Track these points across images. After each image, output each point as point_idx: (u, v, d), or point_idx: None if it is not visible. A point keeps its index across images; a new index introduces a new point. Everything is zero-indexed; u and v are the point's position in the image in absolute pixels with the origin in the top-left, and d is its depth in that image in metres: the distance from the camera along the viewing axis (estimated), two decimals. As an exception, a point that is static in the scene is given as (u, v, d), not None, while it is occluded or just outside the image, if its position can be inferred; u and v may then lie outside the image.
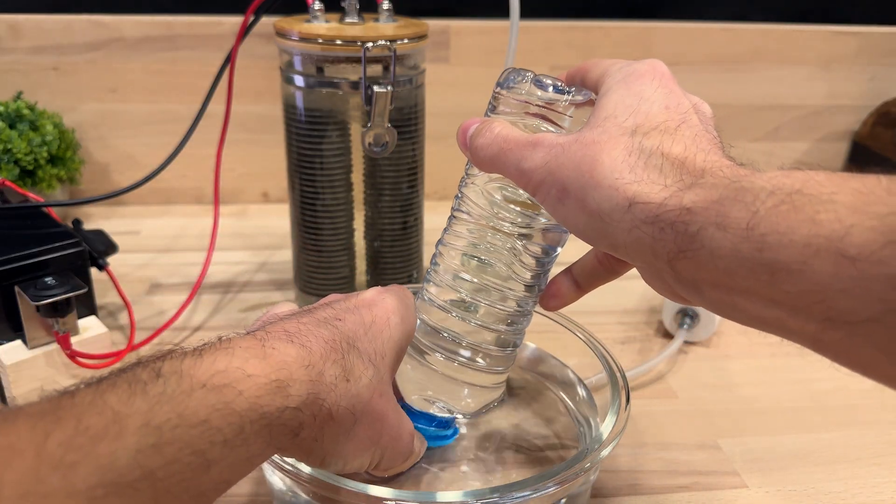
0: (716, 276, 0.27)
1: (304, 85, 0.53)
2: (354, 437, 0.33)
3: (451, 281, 0.40)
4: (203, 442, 0.25)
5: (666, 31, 0.84)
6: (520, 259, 0.38)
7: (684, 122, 0.31)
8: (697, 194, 0.27)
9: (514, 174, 0.34)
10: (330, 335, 0.32)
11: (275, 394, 0.28)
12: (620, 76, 0.33)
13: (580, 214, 0.31)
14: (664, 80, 0.33)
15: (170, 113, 0.81)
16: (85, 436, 0.23)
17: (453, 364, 0.40)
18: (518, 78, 0.37)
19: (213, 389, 0.26)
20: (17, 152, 0.69)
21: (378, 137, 0.53)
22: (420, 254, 0.61)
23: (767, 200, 0.25)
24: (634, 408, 0.49)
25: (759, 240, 0.25)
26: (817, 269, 0.23)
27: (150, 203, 0.85)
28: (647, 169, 0.29)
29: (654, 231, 0.28)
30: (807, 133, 0.91)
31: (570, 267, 0.40)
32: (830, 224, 0.23)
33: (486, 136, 0.35)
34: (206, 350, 0.28)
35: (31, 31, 0.77)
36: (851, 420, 0.51)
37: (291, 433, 0.29)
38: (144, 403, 0.25)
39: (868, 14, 0.88)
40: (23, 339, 0.48)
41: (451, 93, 0.82)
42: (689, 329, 0.58)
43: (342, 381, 0.31)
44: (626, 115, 0.31)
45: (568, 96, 0.36)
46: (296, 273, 0.60)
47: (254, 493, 0.43)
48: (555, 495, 0.35)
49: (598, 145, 0.30)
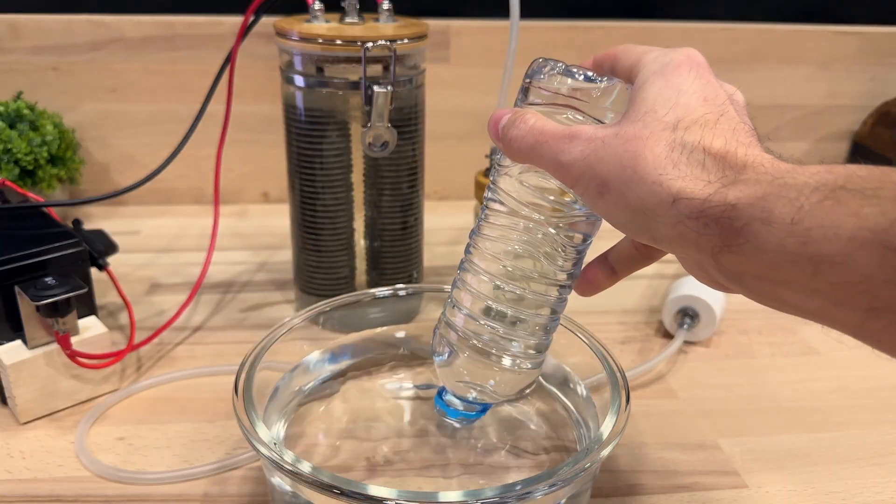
0: (760, 268, 0.27)
1: (304, 85, 0.53)
2: None
3: (490, 272, 0.39)
4: None
5: (666, 31, 0.84)
6: (557, 248, 0.38)
7: (723, 115, 0.31)
8: (741, 190, 0.27)
9: (551, 167, 0.33)
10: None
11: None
12: (657, 66, 0.33)
13: (622, 209, 0.31)
14: (701, 70, 0.33)
15: (170, 113, 0.81)
16: None
17: (491, 352, 0.40)
18: (547, 68, 0.36)
19: None
20: (17, 152, 0.69)
21: (378, 137, 0.53)
22: (420, 254, 0.61)
23: (812, 196, 0.25)
24: (634, 408, 0.49)
25: (803, 234, 0.25)
26: (862, 261, 0.24)
27: (150, 203, 0.85)
28: (690, 164, 0.29)
29: (698, 226, 0.28)
30: (807, 133, 0.91)
31: (606, 253, 0.40)
32: (875, 218, 0.24)
33: (521, 128, 0.34)
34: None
35: (31, 31, 0.77)
36: (851, 420, 0.51)
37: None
38: None
39: (868, 14, 0.88)
40: (23, 339, 0.48)
41: (451, 93, 0.82)
42: (689, 329, 0.58)
43: None
44: (667, 109, 0.31)
45: (600, 85, 0.35)
46: (296, 273, 0.60)
47: (254, 493, 0.43)
48: (555, 495, 0.35)
49: (640, 140, 0.30)
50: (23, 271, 0.47)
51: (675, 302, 0.59)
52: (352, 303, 0.50)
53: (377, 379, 0.50)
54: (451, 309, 0.41)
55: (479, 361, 0.40)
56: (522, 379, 0.41)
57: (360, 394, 0.49)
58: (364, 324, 0.52)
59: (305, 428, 0.46)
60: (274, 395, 0.45)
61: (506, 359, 0.40)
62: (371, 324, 0.52)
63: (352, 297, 0.50)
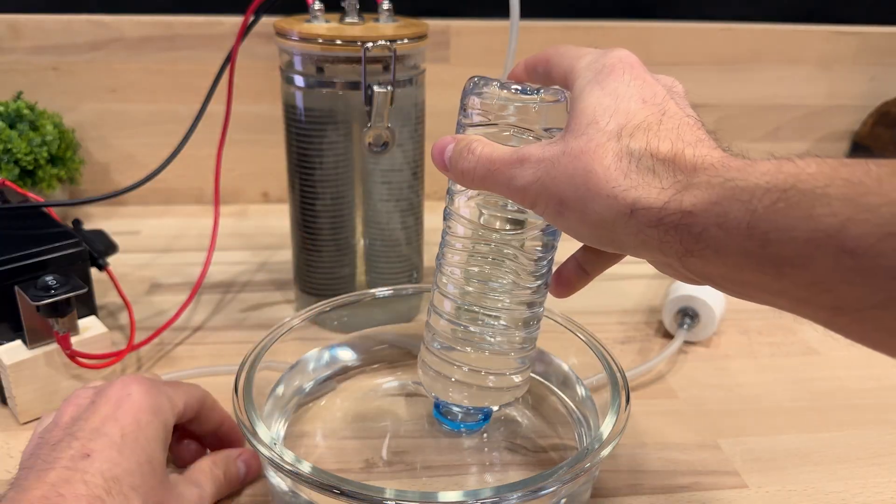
0: (725, 271, 0.28)
1: (304, 85, 0.53)
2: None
3: (458, 294, 0.39)
4: None
5: (666, 31, 0.84)
6: (521, 263, 0.38)
7: (665, 114, 0.31)
8: (696, 196, 0.28)
9: (505, 193, 0.34)
10: (84, 488, 0.32)
11: None
12: (591, 74, 0.33)
13: (583, 225, 0.31)
14: (635, 70, 0.33)
15: (170, 113, 0.81)
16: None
17: (474, 373, 0.40)
18: (484, 84, 0.36)
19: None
20: (17, 152, 0.69)
21: (378, 137, 0.53)
22: (420, 254, 0.61)
23: (764, 198, 0.26)
24: (634, 408, 0.49)
25: (761, 237, 0.26)
26: (820, 264, 0.24)
27: (150, 203, 0.85)
28: (641, 172, 0.29)
29: (659, 234, 0.29)
30: (807, 133, 0.91)
31: (575, 254, 0.40)
32: (826, 219, 0.24)
33: (469, 159, 0.34)
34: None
35: (31, 31, 0.77)
36: (851, 420, 0.51)
37: None
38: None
39: (868, 14, 0.88)
40: (23, 339, 0.48)
41: (451, 93, 0.82)
42: (689, 329, 0.58)
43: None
44: (608, 118, 0.31)
45: (537, 97, 0.35)
46: (296, 273, 0.60)
47: (254, 493, 0.43)
48: (555, 495, 0.35)
49: (587, 154, 0.30)
50: (23, 271, 0.47)
51: (675, 302, 0.59)
52: (352, 303, 0.50)
53: (377, 378, 0.50)
54: (430, 334, 0.41)
55: (461, 383, 0.40)
56: (512, 392, 0.42)
57: (359, 393, 0.49)
58: (364, 324, 0.52)
59: (305, 428, 0.46)
60: (274, 394, 0.45)
61: (491, 377, 0.40)
62: (371, 324, 0.52)
63: (352, 297, 0.50)
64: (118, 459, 0.34)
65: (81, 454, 0.33)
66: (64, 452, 0.33)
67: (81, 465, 0.33)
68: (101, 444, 0.34)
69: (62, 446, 0.34)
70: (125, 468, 0.33)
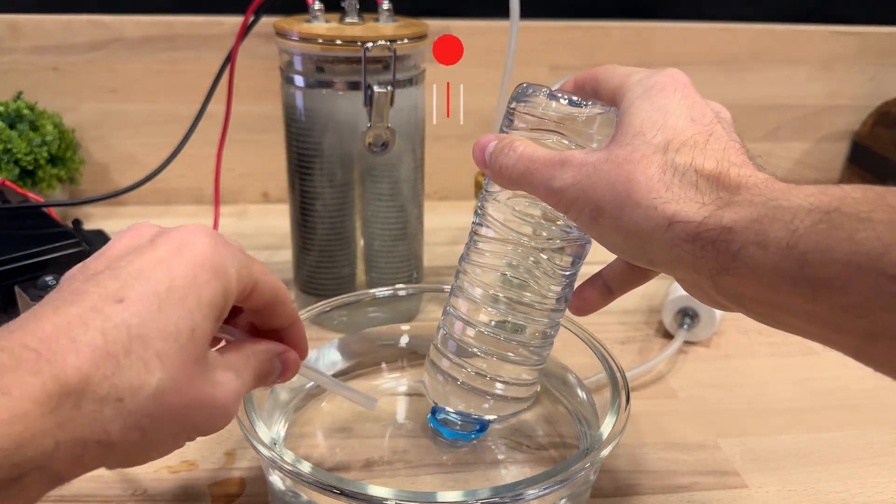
0: (758, 291, 0.27)
1: (304, 85, 0.53)
2: (149, 443, 0.28)
3: (479, 298, 0.39)
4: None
5: (666, 31, 0.84)
6: (547, 273, 0.38)
7: (712, 135, 0.31)
8: (736, 212, 0.27)
9: (542, 193, 0.33)
10: (101, 339, 0.25)
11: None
12: (641, 90, 0.33)
13: (617, 233, 0.31)
14: (685, 90, 0.33)
15: (170, 113, 0.81)
16: None
17: (482, 378, 0.40)
18: (532, 92, 0.36)
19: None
20: (17, 152, 0.69)
21: (378, 137, 0.53)
22: (420, 254, 0.61)
23: (806, 219, 0.25)
24: (634, 408, 0.49)
25: (800, 258, 0.25)
26: (859, 287, 0.24)
27: (150, 203, 0.85)
28: (684, 186, 0.29)
29: (694, 249, 0.28)
30: (807, 133, 0.91)
31: (601, 272, 0.40)
32: (869, 242, 0.24)
33: (510, 156, 0.34)
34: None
35: (31, 31, 0.77)
36: (851, 420, 0.51)
37: (40, 494, 0.25)
38: None
39: (868, 14, 0.88)
40: (23, 339, 0.48)
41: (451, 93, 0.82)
42: (689, 329, 0.58)
43: (111, 405, 0.25)
44: (655, 131, 0.31)
45: (585, 110, 0.35)
46: (296, 273, 0.60)
47: (254, 493, 0.43)
48: (555, 495, 0.35)
49: (632, 164, 0.30)
50: (23, 271, 0.48)
51: (675, 302, 0.59)
52: (352, 303, 0.50)
53: (377, 378, 0.50)
54: (443, 335, 0.41)
55: (468, 388, 0.40)
56: (517, 403, 0.42)
57: (360, 394, 0.49)
58: (364, 324, 0.52)
59: (305, 428, 0.46)
60: (274, 394, 0.45)
61: (499, 384, 0.40)
62: (371, 324, 0.52)
63: (352, 297, 0.50)
64: (154, 316, 0.27)
65: (115, 297, 0.27)
66: (96, 288, 0.27)
67: (109, 310, 0.26)
68: (139, 292, 0.27)
69: (97, 280, 0.28)
70: (158, 329, 0.27)
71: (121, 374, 0.25)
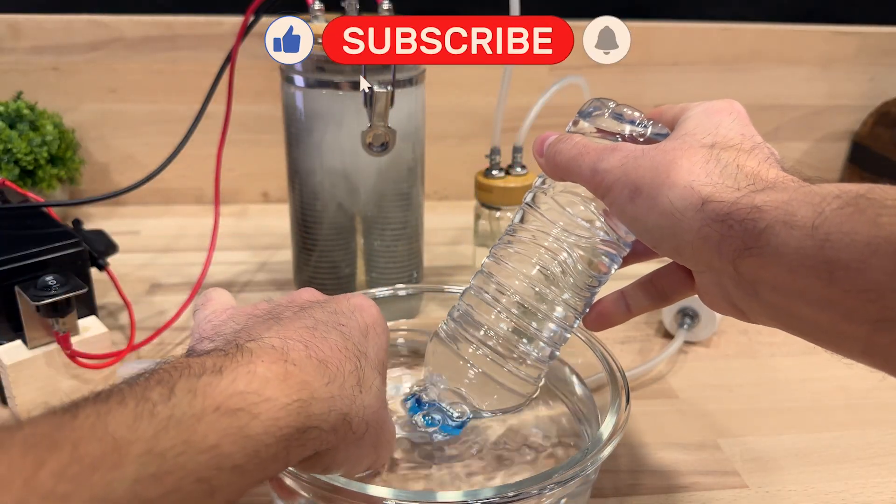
0: (777, 274, 0.28)
1: (304, 85, 0.53)
2: (362, 446, 0.32)
3: (506, 286, 0.40)
4: (209, 469, 0.24)
5: (666, 31, 0.84)
6: (576, 275, 0.39)
7: (757, 147, 0.33)
8: (768, 195, 0.29)
9: (587, 174, 0.35)
10: (342, 342, 0.32)
11: (296, 415, 0.27)
12: (700, 109, 0.36)
13: (651, 213, 0.32)
14: (741, 116, 0.35)
15: (170, 113, 0.81)
16: (80, 464, 0.22)
17: (490, 363, 0.40)
18: (599, 107, 0.39)
19: (226, 413, 0.25)
20: (17, 152, 0.69)
21: (378, 137, 0.53)
22: (420, 254, 0.61)
23: (833, 202, 0.27)
24: (634, 408, 0.49)
25: (822, 238, 0.26)
26: (876, 268, 0.25)
27: (150, 203, 0.85)
28: (723, 175, 0.31)
29: (722, 228, 0.30)
30: (807, 133, 0.91)
31: (622, 290, 0.41)
32: (891, 226, 0.25)
33: (567, 143, 0.37)
34: (226, 366, 0.27)
35: (31, 31, 0.77)
36: (851, 420, 0.51)
37: (311, 450, 0.29)
38: (150, 428, 0.23)
39: (868, 14, 0.88)
40: (23, 339, 0.48)
41: (451, 93, 0.82)
42: (689, 329, 0.58)
43: (357, 393, 0.31)
44: (705, 134, 0.33)
45: (645, 131, 0.38)
46: (296, 273, 0.60)
47: (254, 492, 0.43)
48: (555, 495, 0.35)
49: (678, 151, 0.32)
50: (23, 271, 0.47)
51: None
52: (352, 303, 0.50)
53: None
54: (460, 318, 0.41)
55: (477, 371, 0.40)
56: (515, 397, 0.41)
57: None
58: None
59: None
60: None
61: (504, 373, 0.40)
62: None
63: (352, 297, 0.50)
64: (362, 341, 0.33)
65: (335, 323, 0.33)
66: (316, 314, 0.33)
67: (338, 327, 0.33)
68: (353, 324, 0.33)
69: (313, 309, 0.34)
70: (372, 350, 0.33)
71: (359, 371, 0.31)
